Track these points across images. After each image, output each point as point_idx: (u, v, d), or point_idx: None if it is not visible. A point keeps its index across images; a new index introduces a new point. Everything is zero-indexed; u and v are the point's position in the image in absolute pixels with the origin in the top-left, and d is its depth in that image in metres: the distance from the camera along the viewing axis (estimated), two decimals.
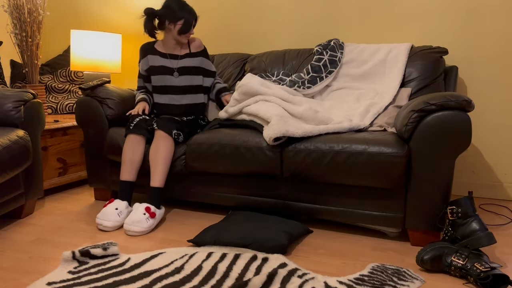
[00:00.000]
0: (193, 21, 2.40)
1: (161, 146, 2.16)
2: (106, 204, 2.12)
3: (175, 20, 2.36)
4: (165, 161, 2.16)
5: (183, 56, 2.49)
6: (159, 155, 2.15)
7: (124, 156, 2.22)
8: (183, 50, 2.51)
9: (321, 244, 1.90)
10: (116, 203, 2.11)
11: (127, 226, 1.99)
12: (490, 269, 1.46)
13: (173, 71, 2.46)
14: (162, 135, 2.17)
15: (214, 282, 1.51)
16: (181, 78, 2.47)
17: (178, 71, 2.46)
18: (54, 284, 1.50)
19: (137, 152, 2.22)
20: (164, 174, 2.16)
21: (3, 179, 1.91)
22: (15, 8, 2.74)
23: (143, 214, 2.01)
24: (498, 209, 2.42)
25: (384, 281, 1.50)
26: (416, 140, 1.79)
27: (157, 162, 2.15)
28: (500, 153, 2.61)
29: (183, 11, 2.35)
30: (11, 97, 2.15)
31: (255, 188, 2.13)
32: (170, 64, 2.47)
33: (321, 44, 2.61)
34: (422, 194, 1.81)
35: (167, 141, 2.17)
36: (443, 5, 2.60)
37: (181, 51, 2.51)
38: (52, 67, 3.40)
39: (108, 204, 2.11)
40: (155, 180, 2.14)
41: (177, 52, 2.50)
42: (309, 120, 2.14)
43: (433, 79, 2.34)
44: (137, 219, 1.99)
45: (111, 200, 2.14)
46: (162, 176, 2.15)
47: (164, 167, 2.15)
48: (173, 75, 2.46)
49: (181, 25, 2.36)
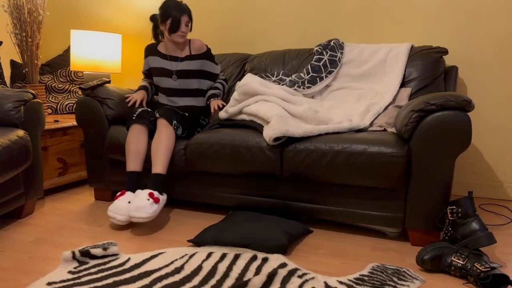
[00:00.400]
0: (182, 18, 2.35)
1: (162, 134, 2.15)
2: (117, 196, 2.09)
3: (164, 20, 2.36)
4: (167, 149, 2.13)
5: (184, 59, 2.48)
6: (161, 142, 2.13)
7: (128, 147, 2.19)
8: (184, 52, 2.49)
9: (321, 244, 1.90)
10: (127, 196, 2.07)
11: (130, 212, 1.92)
12: (490, 269, 1.46)
13: (172, 74, 2.46)
14: (164, 123, 2.18)
15: (214, 282, 1.51)
16: (179, 81, 2.47)
17: (177, 74, 2.46)
18: (54, 284, 1.50)
19: (141, 141, 2.20)
20: (166, 161, 2.11)
21: (3, 179, 1.91)
22: (15, 8, 2.74)
23: (147, 200, 1.94)
24: (498, 209, 2.42)
25: (384, 281, 1.50)
26: (416, 140, 1.79)
27: (159, 149, 2.12)
28: (500, 153, 2.61)
29: (171, 9, 2.34)
30: (11, 97, 2.15)
31: (255, 188, 2.13)
32: (170, 66, 2.48)
33: (321, 44, 2.61)
34: (422, 194, 1.81)
35: (169, 130, 2.17)
36: (443, 5, 2.60)
37: (182, 53, 2.49)
38: (52, 67, 3.40)
39: (120, 196, 2.08)
40: (157, 167, 2.09)
41: (178, 54, 2.49)
42: (309, 120, 2.14)
43: (433, 79, 2.34)
44: (141, 205, 1.91)
45: (123, 192, 2.10)
46: (164, 162, 2.10)
47: (166, 153, 2.12)
48: (172, 78, 2.46)
49: (169, 24, 2.34)
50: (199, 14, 3.20)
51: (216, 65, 2.59)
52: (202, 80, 2.53)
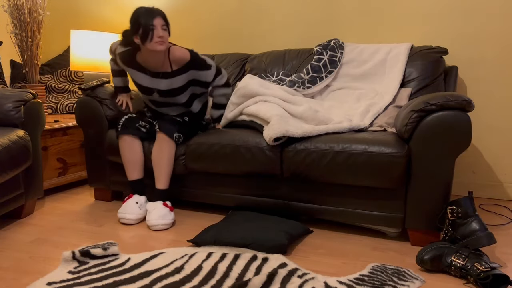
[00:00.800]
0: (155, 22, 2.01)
1: (163, 149, 2.16)
2: (125, 199, 2.20)
3: (136, 31, 2.04)
4: (169, 163, 2.18)
5: (164, 75, 2.17)
6: (163, 158, 2.16)
7: (123, 158, 2.26)
8: (164, 66, 2.16)
9: (321, 244, 1.90)
10: (135, 198, 2.19)
11: (154, 221, 2.04)
12: (490, 269, 1.46)
13: (153, 92, 2.23)
14: (165, 138, 2.16)
15: (214, 282, 1.51)
16: (163, 98, 2.26)
17: (159, 93, 2.23)
18: (54, 284, 1.50)
19: (133, 151, 2.24)
20: (169, 176, 2.20)
21: (3, 179, 1.91)
22: (15, 8, 2.74)
23: (164, 208, 2.09)
24: (498, 209, 2.42)
25: (384, 281, 1.50)
26: (416, 140, 1.79)
27: (161, 165, 2.17)
28: (500, 153, 2.61)
29: (140, 16, 2.02)
30: (11, 97, 2.15)
31: (255, 188, 2.13)
32: (151, 83, 2.21)
33: (321, 44, 2.61)
34: (422, 194, 1.81)
35: (170, 144, 2.18)
36: (443, 5, 2.60)
37: (162, 67, 2.16)
38: (52, 67, 3.39)
39: (128, 199, 2.19)
40: (161, 183, 2.18)
41: (158, 68, 2.16)
42: (309, 120, 2.14)
43: (433, 79, 2.34)
44: (162, 213, 2.06)
45: (130, 195, 2.21)
46: (167, 178, 2.19)
47: (168, 169, 2.19)
48: (153, 95, 2.25)
49: (141, 33, 2.02)
50: (199, 14, 3.20)
51: (207, 71, 2.20)
52: (194, 87, 2.26)
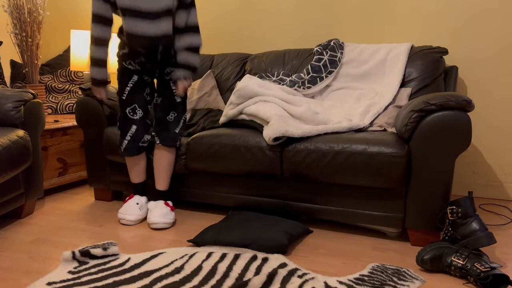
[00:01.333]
0: None
1: (165, 155, 2.17)
2: (126, 200, 2.21)
3: None
4: (170, 168, 2.21)
5: None
6: (164, 164, 2.18)
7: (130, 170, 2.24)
8: None
9: (321, 244, 1.90)
10: (136, 198, 2.20)
11: (155, 219, 2.04)
12: (490, 269, 1.46)
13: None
14: (167, 149, 2.17)
15: (214, 282, 1.51)
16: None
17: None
18: (54, 284, 1.50)
19: (139, 165, 2.24)
20: (169, 178, 2.23)
21: (3, 179, 1.91)
22: (15, 8, 2.74)
23: (166, 207, 2.11)
24: (498, 209, 2.42)
25: (384, 281, 1.50)
26: (416, 140, 1.79)
27: (162, 170, 2.19)
28: (500, 153, 2.61)
29: None
30: (11, 97, 2.15)
31: (255, 188, 2.13)
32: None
33: (321, 44, 2.61)
34: (422, 194, 1.81)
35: (171, 153, 2.19)
36: (443, 5, 2.60)
37: None
38: (52, 67, 3.39)
39: (129, 199, 2.19)
40: (161, 185, 2.20)
41: None
42: (308, 121, 2.14)
43: (433, 79, 2.34)
44: (164, 212, 2.07)
45: (131, 196, 2.22)
46: (167, 180, 2.22)
47: (169, 172, 2.21)
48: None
49: None
50: (199, 14, 3.20)
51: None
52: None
